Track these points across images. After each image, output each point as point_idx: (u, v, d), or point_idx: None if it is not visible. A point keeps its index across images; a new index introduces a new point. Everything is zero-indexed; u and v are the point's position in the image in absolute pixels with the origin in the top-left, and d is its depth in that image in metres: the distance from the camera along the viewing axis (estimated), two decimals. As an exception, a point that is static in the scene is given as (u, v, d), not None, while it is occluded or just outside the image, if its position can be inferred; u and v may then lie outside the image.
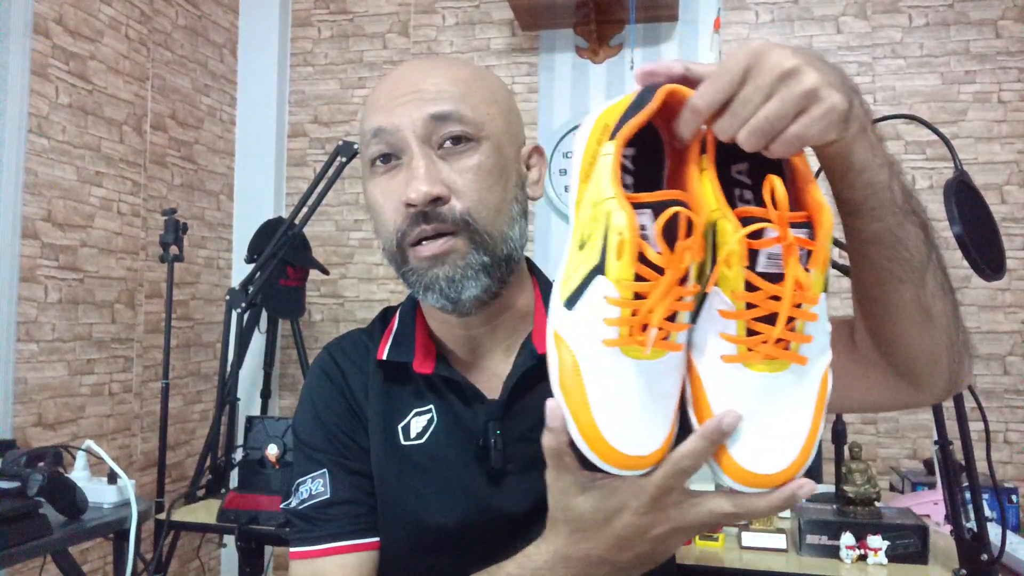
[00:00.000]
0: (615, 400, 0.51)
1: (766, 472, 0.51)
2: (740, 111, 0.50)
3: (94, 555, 2.32)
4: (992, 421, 1.80)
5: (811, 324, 0.50)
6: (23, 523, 1.45)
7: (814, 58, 0.50)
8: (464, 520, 0.74)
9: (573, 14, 2.85)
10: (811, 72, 0.49)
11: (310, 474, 0.77)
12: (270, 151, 3.13)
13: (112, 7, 2.46)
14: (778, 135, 0.50)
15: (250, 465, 2.02)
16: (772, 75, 0.49)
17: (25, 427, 2.12)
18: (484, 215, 0.71)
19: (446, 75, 0.73)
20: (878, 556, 1.53)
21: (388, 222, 0.72)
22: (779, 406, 0.51)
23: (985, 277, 1.32)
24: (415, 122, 0.70)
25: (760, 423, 0.51)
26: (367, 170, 0.74)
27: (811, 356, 0.51)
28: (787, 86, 0.49)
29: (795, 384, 0.51)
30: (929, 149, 2.72)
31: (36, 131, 2.16)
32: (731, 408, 0.51)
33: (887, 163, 0.56)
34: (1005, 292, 2.64)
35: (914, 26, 2.76)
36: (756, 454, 0.51)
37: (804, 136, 0.50)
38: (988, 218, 1.37)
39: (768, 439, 0.51)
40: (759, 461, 0.51)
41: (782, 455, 0.51)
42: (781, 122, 0.49)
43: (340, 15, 3.19)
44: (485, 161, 0.71)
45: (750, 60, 0.49)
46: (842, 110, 0.49)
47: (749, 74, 0.49)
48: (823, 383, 0.53)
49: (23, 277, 2.12)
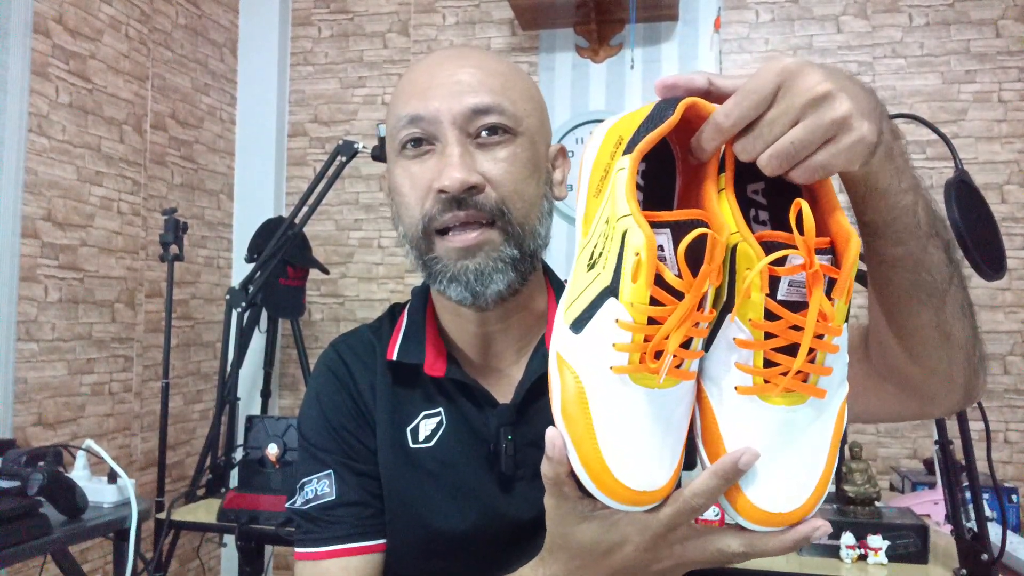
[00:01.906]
0: (622, 431, 0.48)
1: (780, 511, 0.48)
2: (765, 133, 0.47)
3: (94, 555, 2.32)
4: (992, 421, 1.80)
5: (832, 356, 0.48)
6: (23, 523, 1.44)
7: (847, 81, 0.48)
8: (473, 526, 0.73)
9: (573, 13, 2.85)
10: (844, 99, 0.46)
11: (315, 474, 0.77)
12: (270, 151, 3.13)
13: (112, 6, 2.46)
14: (802, 162, 0.47)
15: (250, 465, 2.02)
16: (804, 98, 0.46)
17: (25, 427, 2.12)
18: (519, 207, 0.69)
19: (485, 67, 0.72)
20: (878, 556, 1.53)
21: (413, 207, 0.70)
22: (796, 442, 0.49)
23: (985, 277, 1.32)
24: (454, 112, 0.69)
25: (776, 460, 0.48)
26: (394, 153, 0.73)
27: (830, 390, 0.49)
28: (818, 112, 0.46)
29: (813, 419, 0.49)
30: (929, 149, 2.72)
31: (36, 131, 2.16)
32: (748, 446, 0.48)
33: (912, 187, 0.54)
34: (1005, 292, 2.64)
35: (914, 25, 2.76)
36: (771, 492, 0.48)
37: (829, 166, 0.48)
38: (988, 218, 1.36)
39: (784, 477, 0.49)
40: (774, 500, 0.48)
41: (797, 493, 0.49)
42: (807, 149, 0.47)
43: (340, 14, 3.19)
44: (521, 153, 0.70)
45: (781, 78, 0.47)
46: (871, 142, 0.47)
47: (779, 94, 0.47)
48: (839, 417, 0.50)
49: (23, 277, 2.12)
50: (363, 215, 3.12)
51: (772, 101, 0.47)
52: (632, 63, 2.89)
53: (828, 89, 0.46)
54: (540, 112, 0.75)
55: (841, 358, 0.49)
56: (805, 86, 0.46)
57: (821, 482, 0.49)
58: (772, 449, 0.48)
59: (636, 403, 0.48)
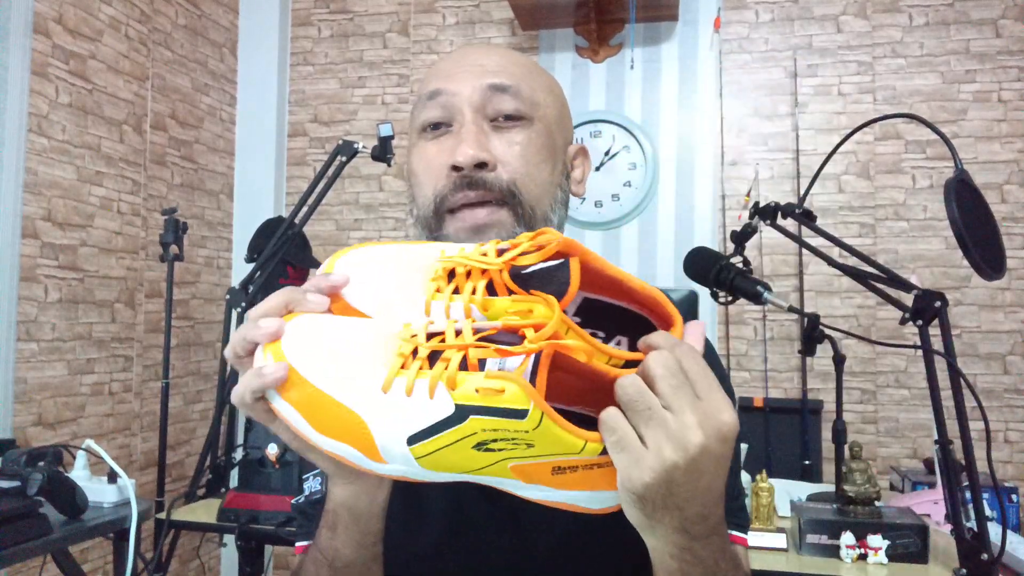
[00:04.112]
0: None
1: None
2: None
3: (94, 555, 2.32)
4: (992, 420, 1.80)
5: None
6: (23, 522, 1.44)
7: (719, 461, 0.45)
8: (467, 566, 0.70)
9: (573, 13, 2.85)
10: (680, 451, 0.43)
11: (312, 471, 0.77)
12: (270, 150, 3.13)
13: (112, 7, 2.46)
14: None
15: (250, 464, 2.02)
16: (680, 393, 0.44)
17: (25, 426, 2.12)
18: (530, 188, 0.70)
19: (509, 58, 0.74)
20: (878, 555, 1.53)
21: (426, 186, 0.71)
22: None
23: (985, 276, 1.32)
24: (473, 89, 0.70)
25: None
26: (415, 137, 0.74)
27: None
28: (656, 418, 0.44)
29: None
30: (929, 148, 2.72)
31: (36, 131, 2.16)
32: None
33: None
34: (1005, 292, 2.64)
35: (914, 25, 2.76)
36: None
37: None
38: (988, 217, 1.37)
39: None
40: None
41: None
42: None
43: (340, 14, 3.19)
44: (535, 139, 0.71)
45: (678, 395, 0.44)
46: (639, 486, 0.44)
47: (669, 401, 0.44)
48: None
49: (23, 277, 2.12)
50: (363, 215, 3.12)
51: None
52: (632, 63, 2.89)
53: (698, 441, 0.43)
54: (559, 106, 0.76)
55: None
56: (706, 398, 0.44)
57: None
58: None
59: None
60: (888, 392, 2.70)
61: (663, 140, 2.89)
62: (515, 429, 0.43)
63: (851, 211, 2.77)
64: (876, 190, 2.75)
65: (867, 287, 1.51)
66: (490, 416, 0.43)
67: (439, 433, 0.44)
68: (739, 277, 1.52)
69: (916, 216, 2.72)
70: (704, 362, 0.46)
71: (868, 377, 2.71)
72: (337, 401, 0.46)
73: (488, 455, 0.45)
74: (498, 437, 0.43)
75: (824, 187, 2.76)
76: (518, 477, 0.46)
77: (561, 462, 0.45)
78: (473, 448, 0.44)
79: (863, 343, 2.65)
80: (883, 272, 1.47)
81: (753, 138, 2.84)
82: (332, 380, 0.47)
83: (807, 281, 2.75)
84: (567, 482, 0.46)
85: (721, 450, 0.44)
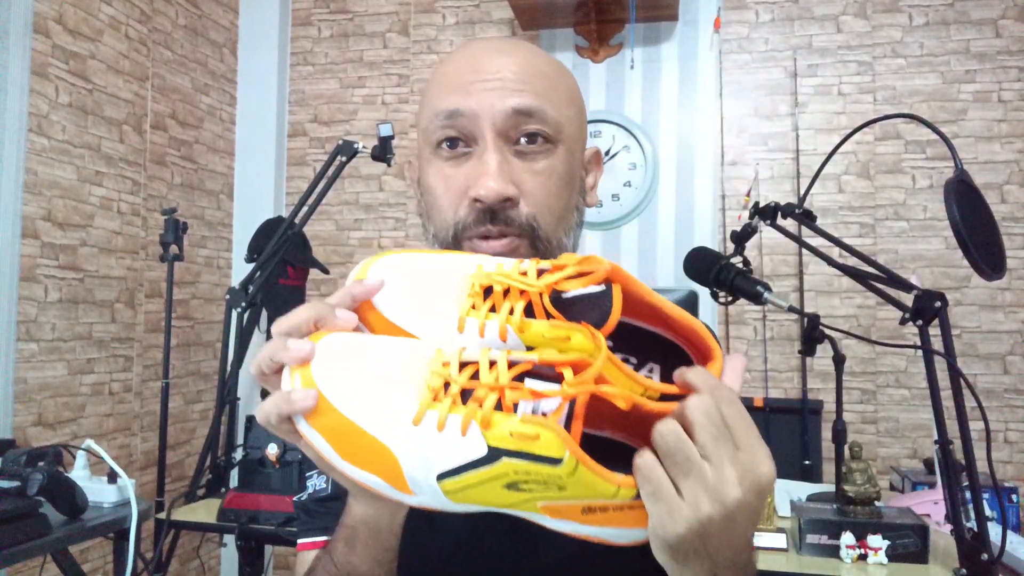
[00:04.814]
0: None
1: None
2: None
3: (94, 555, 2.32)
4: (992, 421, 1.80)
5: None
6: (23, 522, 1.44)
7: (754, 512, 0.44)
8: (477, 574, 0.70)
9: (573, 13, 2.85)
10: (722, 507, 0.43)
11: (315, 468, 0.77)
12: (270, 150, 3.13)
13: (112, 6, 2.46)
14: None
15: (250, 464, 2.02)
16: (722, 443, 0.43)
17: (25, 426, 2.12)
18: (548, 221, 0.67)
19: (531, 66, 0.68)
20: (878, 556, 1.53)
21: (446, 210, 0.68)
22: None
23: (985, 276, 1.32)
24: (495, 112, 0.65)
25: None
26: (428, 149, 0.70)
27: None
28: (703, 479, 0.43)
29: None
30: (929, 148, 2.72)
31: (36, 130, 2.16)
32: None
33: None
34: (1005, 292, 2.64)
35: (914, 25, 2.76)
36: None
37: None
38: (988, 217, 1.37)
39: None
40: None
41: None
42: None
43: (340, 14, 3.19)
44: (558, 166, 0.68)
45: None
46: (671, 544, 0.44)
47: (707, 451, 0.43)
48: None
49: (23, 277, 2.12)
50: (363, 215, 3.12)
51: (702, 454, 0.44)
52: (632, 63, 2.89)
53: (737, 496, 0.43)
54: (580, 116, 0.73)
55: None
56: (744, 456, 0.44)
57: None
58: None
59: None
60: (888, 392, 2.70)
61: (663, 140, 2.89)
62: (548, 474, 0.42)
63: (851, 211, 2.77)
64: (876, 190, 2.75)
65: (867, 287, 1.51)
66: (523, 460, 0.42)
67: (470, 472, 0.43)
68: (739, 277, 1.52)
69: (916, 216, 2.72)
70: (744, 408, 0.45)
71: (868, 377, 2.71)
72: (366, 432, 0.45)
73: (519, 494, 0.44)
74: (530, 480, 0.43)
75: (824, 187, 2.76)
76: (547, 514, 0.45)
77: (592, 503, 0.44)
78: (504, 487, 0.44)
79: (863, 343, 2.65)
80: (883, 272, 1.47)
81: (753, 138, 2.84)
82: (362, 410, 0.46)
83: (807, 281, 2.75)
84: (597, 520, 0.45)
85: (757, 503, 0.44)
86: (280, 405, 0.47)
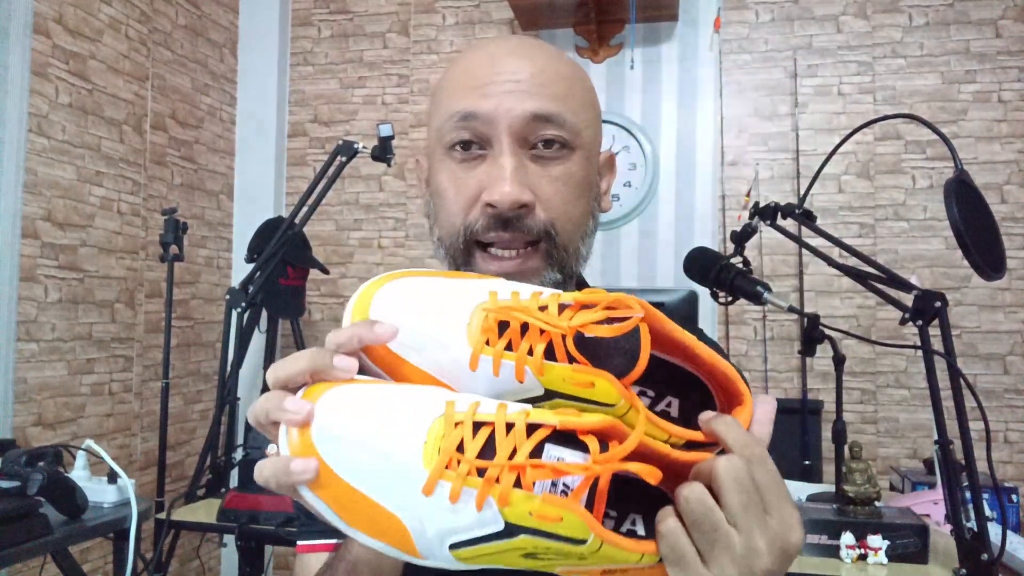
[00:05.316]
0: None
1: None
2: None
3: (94, 555, 2.32)
4: (992, 421, 1.80)
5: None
6: (23, 523, 1.44)
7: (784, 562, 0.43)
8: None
9: (573, 13, 2.85)
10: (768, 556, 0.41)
11: None
12: (270, 150, 3.13)
13: (112, 7, 2.46)
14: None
15: (250, 465, 2.02)
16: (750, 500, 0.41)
17: (25, 427, 2.12)
18: (566, 228, 0.66)
19: (549, 68, 0.66)
20: (878, 556, 1.53)
21: (456, 214, 0.66)
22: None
23: (985, 276, 1.32)
24: (513, 117, 0.63)
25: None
26: (440, 150, 0.68)
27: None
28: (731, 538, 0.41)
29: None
30: (929, 148, 2.72)
31: (36, 131, 2.16)
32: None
33: None
34: (1005, 292, 2.64)
35: (914, 25, 2.76)
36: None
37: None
38: (988, 217, 1.37)
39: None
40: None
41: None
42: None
43: (340, 14, 3.19)
44: (576, 172, 0.66)
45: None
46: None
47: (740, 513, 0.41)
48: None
49: (23, 277, 2.12)
50: (363, 215, 3.12)
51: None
52: (632, 63, 2.89)
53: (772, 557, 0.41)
54: (596, 120, 0.71)
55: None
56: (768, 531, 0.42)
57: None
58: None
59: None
60: (888, 392, 2.70)
61: (663, 140, 2.89)
62: (570, 551, 0.40)
63: (851, 211, 2.77)
64: (876, 190, 2.75)
65: (867, 287, 1.51)
66: (544, 538, 0.40)
67: (486, 544, 0.41)
68: (739, 277, 1.52)
69: (916, 216, 2.72)
70: (775, 468, 0.43)
71: (868, 377, 2.71)
72: (373, 501, 0.43)
73: (537, 562, 0.42)
74: (550, 552, 0.41)
75: (824, 187, 2.76)
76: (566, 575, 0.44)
77: (613, 568, 0.42)
78: (522, 556, 0.41)
79: (863, 343, 2.65)
80: (883, 272, 1.47)
81: (753, 138, 2.84)
82: (367, 477, 0.43)
83: (807, 281, 2.75)
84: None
85: (785, 568, 0.42)
86: (280, 476, 0.44)
